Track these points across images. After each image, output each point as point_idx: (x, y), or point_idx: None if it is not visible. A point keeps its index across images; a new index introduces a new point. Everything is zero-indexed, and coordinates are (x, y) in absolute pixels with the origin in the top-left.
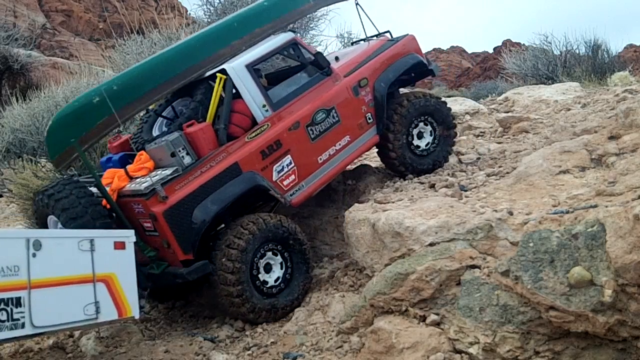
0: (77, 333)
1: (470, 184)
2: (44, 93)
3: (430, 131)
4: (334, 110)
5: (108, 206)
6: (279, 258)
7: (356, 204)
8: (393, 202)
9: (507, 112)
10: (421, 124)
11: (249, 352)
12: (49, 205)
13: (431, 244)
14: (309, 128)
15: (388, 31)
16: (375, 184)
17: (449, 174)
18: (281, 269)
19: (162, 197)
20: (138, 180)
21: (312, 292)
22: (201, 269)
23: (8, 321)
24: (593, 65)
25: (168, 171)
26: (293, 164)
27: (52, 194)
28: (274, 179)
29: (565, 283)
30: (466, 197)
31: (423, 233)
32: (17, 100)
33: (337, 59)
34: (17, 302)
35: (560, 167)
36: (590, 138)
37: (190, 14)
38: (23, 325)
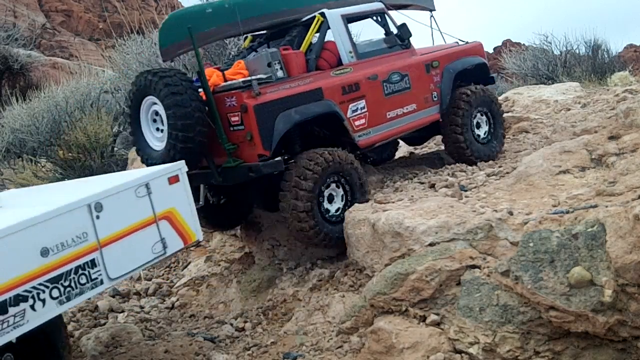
0: (77, 333)
1: (470, 184)
2: (44, 93)
3: (486, 121)
4: (407, 77)
5: (204, 98)
6: (340, 190)
7: (356, 204)
8: (393, 202)
9: (507, 112)
10: (479, 115)
11: (249, 352)
12: (152, 82)
13: (431, 244)
14: (384, 84)
15: (457, 41)
16: (375, 184)
17: (449, 174)
18: (342, 200)
19: (255, 93)
20: (233, 81)
21: (312, 292)
22: (274, 165)
23: (88, 282)
24: (593, 65)
25: (263, 76)
26: (366, 109)
27: (157, 72)
28: (348, 115)
29: (565, 283)
30: (466, 197)
31: (423, 233)
32: (17, 100)
33: None
34: (92, 263)
35: (560, 167)
36: (590, 138)
37: None
38: (102, 282)
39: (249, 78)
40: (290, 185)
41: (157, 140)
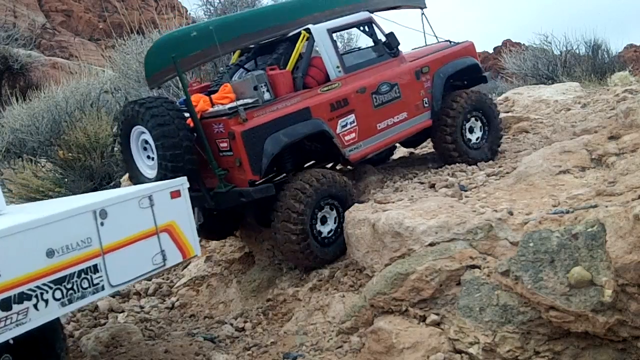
0: (77, 333)
1: (470, 184)
2: (44, 93)
3: (480, 126)
4: (396, 86)
5: (192, 125)
6: (334, 213)
7: (356, 204)
8: (393, 202)
9: (507, 112)
10: (473, 119)
11: (249, 352)
12: (139, 113)
13: (431, 244)
14: (373, 95)
15: (449, 40)
16: (375, 184)
17: (449, 174)
18: (334, 222)
19: (242, 119)
20: (220, 107)
21: (312, 292)
22: (265, 190)
23: (90, 287)
24: (593, 65)
25: (249, 100)
26: (355, 123)
27: (144, 103)
28: (338, 131)
29: (565, 283)
30: (466, 197)
31: (423, 233)
32: (17, 100)
33: None
34: (95, 269)
35: (560, 167)
36: (590, 138)
37: (190, 14)
38: (103, 288)
39: (234, 104)
40: (287, 197)
41: (149, 168)
